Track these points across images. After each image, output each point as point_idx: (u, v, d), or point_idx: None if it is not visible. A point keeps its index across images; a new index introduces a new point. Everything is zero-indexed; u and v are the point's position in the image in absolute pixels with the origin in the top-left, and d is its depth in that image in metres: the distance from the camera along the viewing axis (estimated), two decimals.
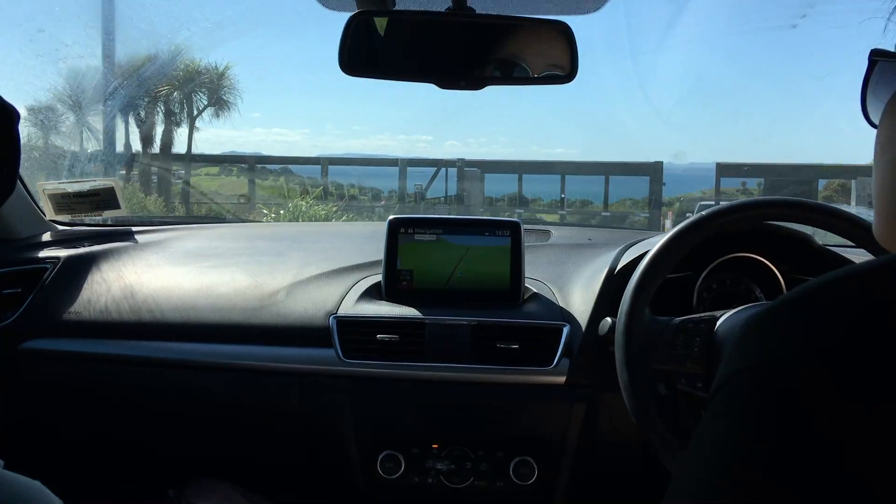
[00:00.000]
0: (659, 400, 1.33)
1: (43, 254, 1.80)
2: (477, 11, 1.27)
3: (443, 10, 1.28)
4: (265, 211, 12.06)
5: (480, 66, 1.30)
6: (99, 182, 1.99)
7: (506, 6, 1.34)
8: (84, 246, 1.86)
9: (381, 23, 1.27)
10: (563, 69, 1.29)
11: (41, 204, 1.96)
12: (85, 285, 1.71)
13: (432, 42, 1.27)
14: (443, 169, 18.18)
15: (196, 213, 13.82)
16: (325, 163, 18.80)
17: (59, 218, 1.99)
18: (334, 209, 12.41)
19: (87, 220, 2.04)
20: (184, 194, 15.27)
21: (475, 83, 1.29)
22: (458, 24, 1.27)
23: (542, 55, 1.30)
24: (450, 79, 1.26)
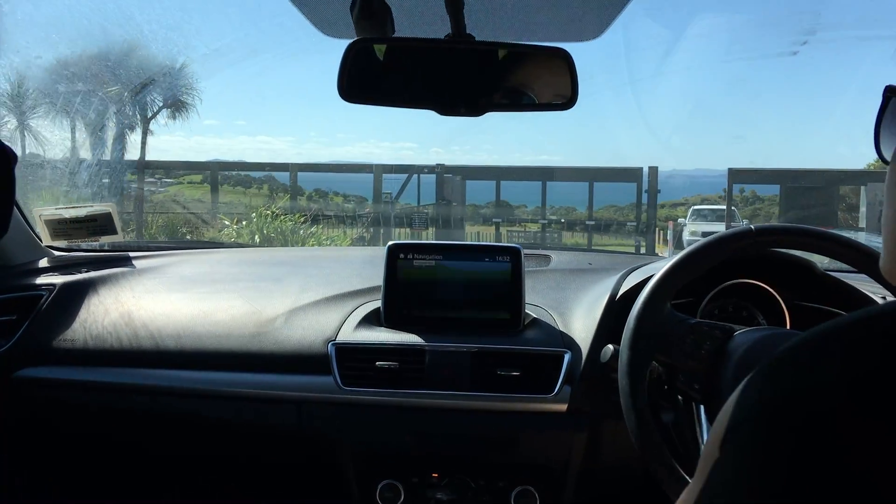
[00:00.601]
0: (663, 427, 1.32)
1: (39, 280, 1.79)
2: (476, 38, 1.28)
3: (442, 37, 1.28)
4: (227, 222, 10.73)
5: (480, 93, 1.30)
6: (96, 207, 1.99)
7: (505, 33, 1.35)
8: (81, 272, 1.85)
9: (380, 50, 1.27)
10: (563, 96, 1.29)
11: (38, 230, 1.95)
12: (81, 312, 1.69)
13: (432, 69, 1.27)
14: (416, 176, 16.77)
15: (152, 225, 12.19)
16: (294, 169, 16.95)
17: (56, 243, 1.98)
18: (302, 219, 11.36)
19: (83, 245, 2.03)
20: (138, 206, 13.04)
21: (475, 109, 1.28)
22: (457, 50, 1.27)
23: (542, 82, 1.30)
24: (449, 105, 1.26)
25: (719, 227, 13.22)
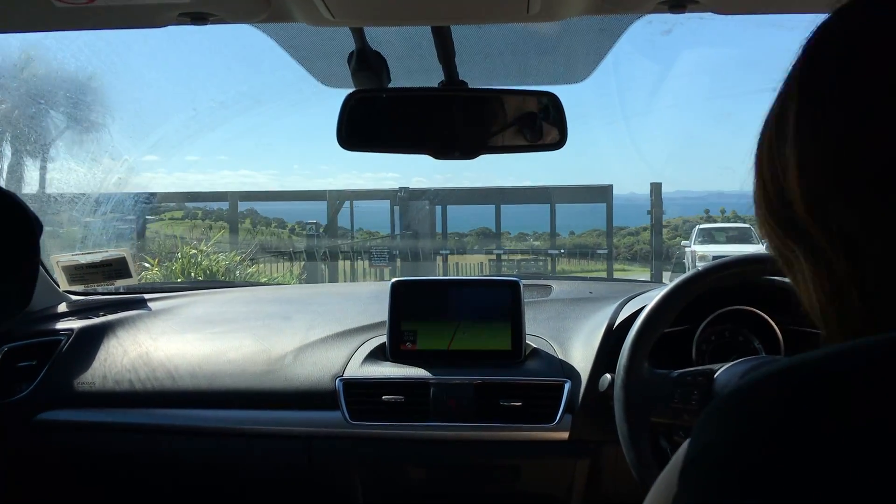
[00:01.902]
0: (659, 453, 1.36)
1: (57, 325, 1.85)
2: (469, 84, 1.34)
3: (436, 84, 1.34)
4: (147, 264, 7.89)
5: (473, 137, 1.36)
6: (111, 252, 2.06)
7: (496, 78, 1.41)
8: (99, 315, 1.91)
9: (377, 99, 1.34)
10: (554, 136, 1.35)
11: (55, 275, 2.02)
12: (99, 355, 1.75)
13: (427, 115, 1.34)
14: (347, 202, 14.37)
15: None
16: (233, 198, 14.56)
17: (73, 288, 2.05)
18: (237, 258, 9.46)
19: (99, 289, 2.10)
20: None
21: (469, 153, 1.34)
22: (450, 97, 1.33)
23: (533, 124, 1.36)
24: (444, 150, 1.32)
25: (732, 249, 12.59)
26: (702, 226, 16.28)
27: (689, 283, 1.39)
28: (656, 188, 12.97)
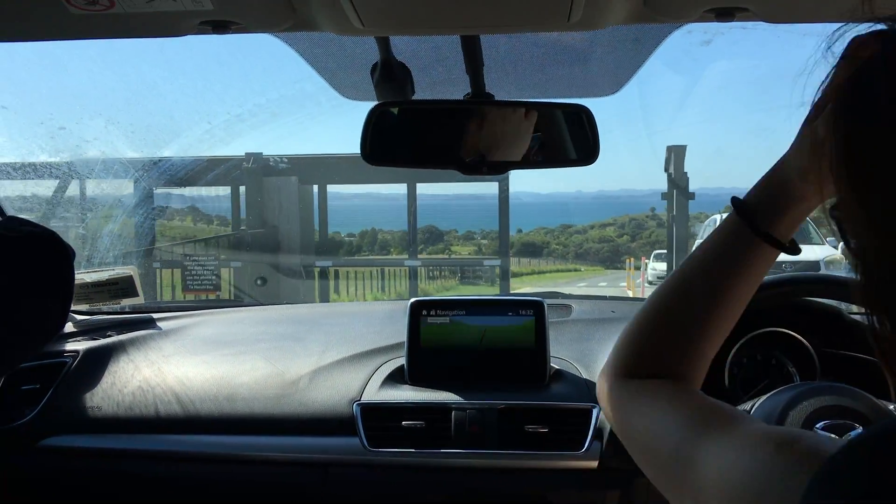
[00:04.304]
0: None
1: (62, 347, 1.79)
2: (496, 97, 1.29)
3: (462, 96, 1.29)
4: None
5: (501, 151, 1.31)
6: (117, 271, 2.00)
7: (524, 91, 1.36)
8: (106, 335, 1.85)
9: (402, 112, 1.29)
10: (585, 151, 1.30)
11: None
12: (105, 378, 1.69)
13: (454, 129, 1.28)
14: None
15: None
16: None
17: (78, 307, 1.98)
18: None
19: (105, 308, 2.04)
20: None
21: (497, 168, 1.29)
22: (478, 110, 1.28)
23: (563, 138, 1.31)
24: (472, 165, 1.27)
25: None
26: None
27: None
28: (678, 154, 9.57)
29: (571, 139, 1.31)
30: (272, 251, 7.92)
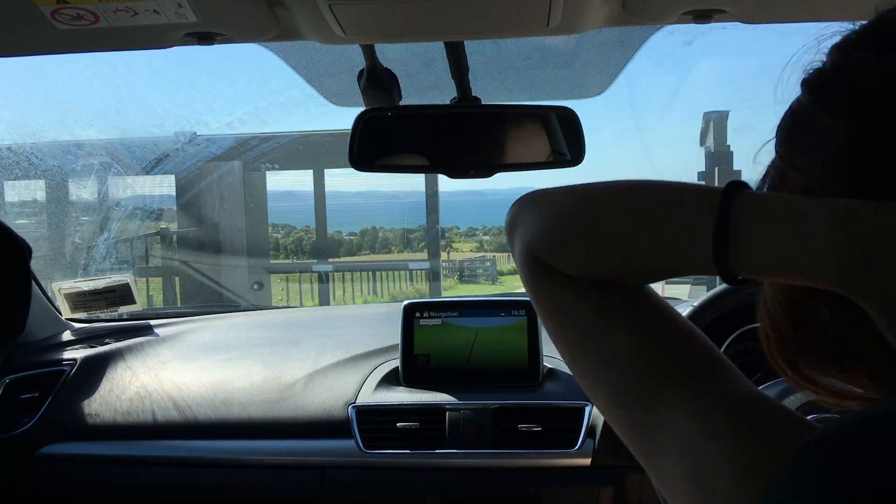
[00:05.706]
0: None
1: (60, 355, 1.80)
2: (483, 100, 1.30)
3: (448, 100, 1.30)
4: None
5: (488, 154, 1.32)
6: (114, 279, 2.01)
7: (511, 94, 1.37)
8: (104, 343, 1.86)
9: (389, 117, 1.30)
10: (572, 152, 1.31)
11: (57, 303, 1.97)
12: (103, 385, 1.70)
13: (440, 133, 1.29)
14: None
15: None
16: None
17: (76, 316, 2.00)
18: None
19: (102, 315, 2.05)
20: None
21: (484, 171, 1.30)
22: (465, 114, 1.29)
23: (550, 140, 1.32)
24: (459, 168, 1.28)
25: None
26: None
27: (714, 300, 1.35)
28: (718, 124, 7.50)
29: (558, 141, 1.32)
30: (212, 253, 6.13)
